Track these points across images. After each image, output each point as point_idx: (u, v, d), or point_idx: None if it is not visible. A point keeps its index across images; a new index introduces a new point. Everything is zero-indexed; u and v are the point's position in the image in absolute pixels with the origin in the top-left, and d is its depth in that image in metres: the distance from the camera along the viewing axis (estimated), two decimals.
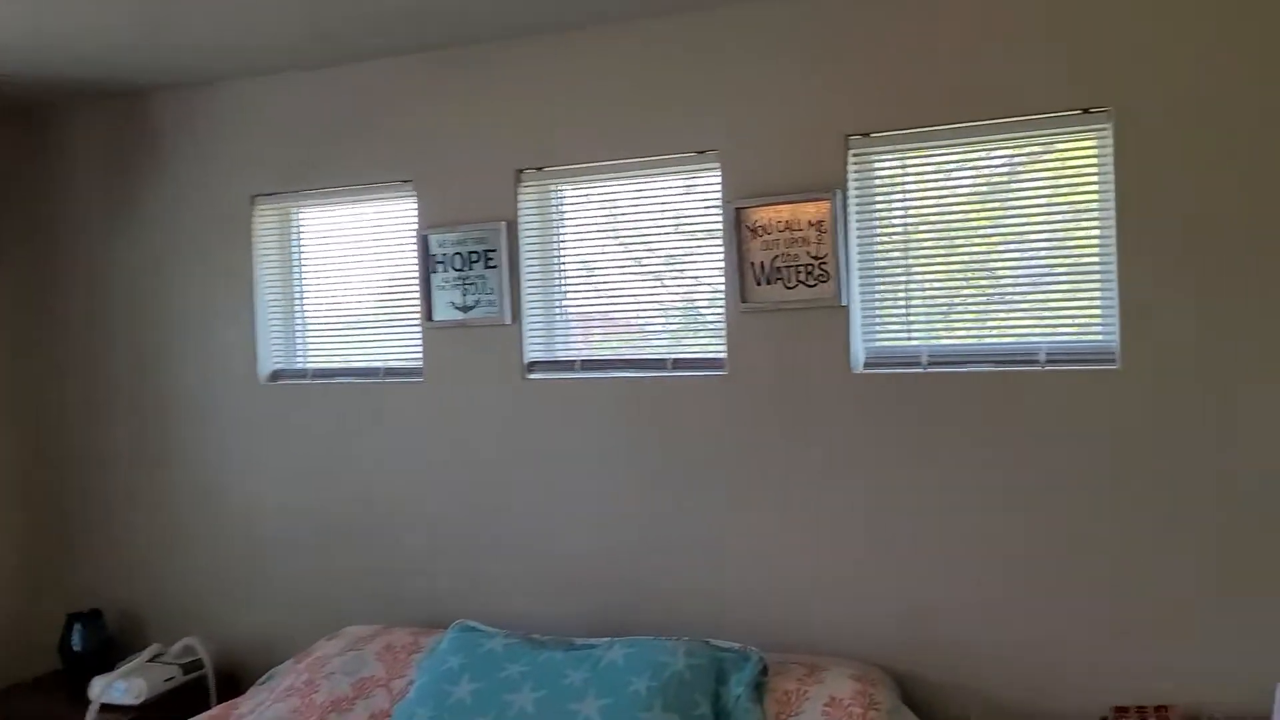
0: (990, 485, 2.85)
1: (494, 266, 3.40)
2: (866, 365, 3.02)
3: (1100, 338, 2.79)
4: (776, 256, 3.04)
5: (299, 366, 3.83)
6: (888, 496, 2.95)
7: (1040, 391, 2.80)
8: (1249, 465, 2.59)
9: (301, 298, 3.85)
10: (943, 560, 2.90)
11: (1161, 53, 2.65)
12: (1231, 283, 2.59)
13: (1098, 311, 2.79)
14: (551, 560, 3.37)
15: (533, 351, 3.43)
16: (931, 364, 2.95)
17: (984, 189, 2.91)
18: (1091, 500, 2.74)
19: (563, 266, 3.43)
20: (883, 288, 3.02)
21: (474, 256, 3.42)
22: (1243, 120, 2.57)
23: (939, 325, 2.99)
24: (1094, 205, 2.79)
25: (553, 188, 3.42)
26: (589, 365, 3.37)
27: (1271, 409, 2.56)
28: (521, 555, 3.41)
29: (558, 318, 3.44)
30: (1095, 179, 2.78)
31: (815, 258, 2.99)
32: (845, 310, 2.99)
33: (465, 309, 3.45)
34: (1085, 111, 2.75)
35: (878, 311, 3.03)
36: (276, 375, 3.84)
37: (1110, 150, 2.72)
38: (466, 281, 3.44)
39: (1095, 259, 2.78)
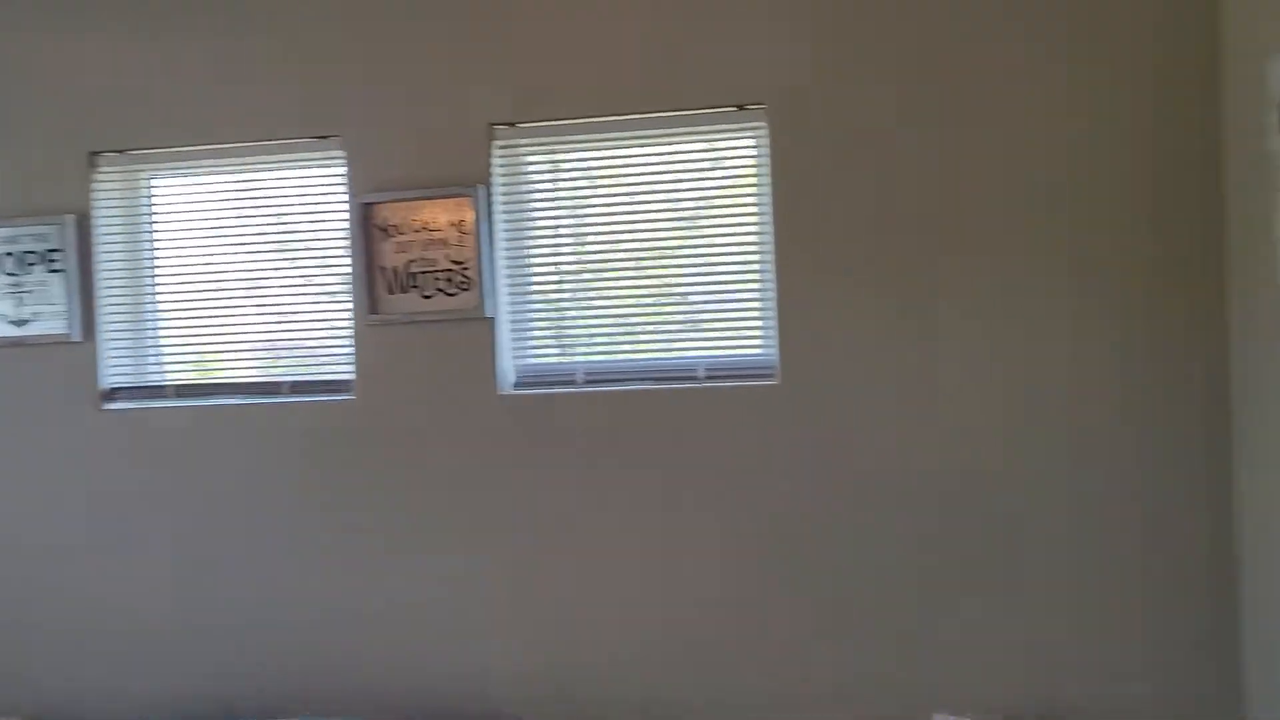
0: (650, 506, 2.58)
1: (59, 270, 2.71)
2: (517, 385, 2.67)
3: (760, 352, 2.61)
4: (412, 261, 2.62)
5: None
6: (542, 528, 2.61)
7: (700, 408, 2.57)
8: (909, 477, 2.49)
9: None
10: (600, 592, 2.59)
11: (815, 48, 2.51)
12: (887, 291, 2.49)
13: (758, 324, 2.61)
14: (118, 629, 2.72)
15: (113, 375, 2.77)
16: (588, 382, 2.65)
17: (642, 192, 2.65)
18: (755, 519, 2.54)
19: (155, 272, 2.81)
20: (535, 298, 2.69)
21: (31, 258, 2.73)
22: (891, 121, 2.48)
23: (596, 340, 2.70)
24: (753, 214, 2.61)
25: (141, 176, 2.80)
26: (187, 391, 2.77)
27: (929, 420, 2.48)
28: (78, 624, 2.73)
29: (148, 334, 2.81)
30: (754, 186, 2.61)
31: (456, 263, 2.61)
32: (491, 323, 2.62)
33: (19, 323, 2.74)
34: (740, 109, 2.57)
35: (529, 325, 2.69)
36: None
37: (767, 153, 2.55)
38: (21, 289, 2.73)
39: (755, 270, 2.60)
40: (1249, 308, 2.23)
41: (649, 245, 2.65)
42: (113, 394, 2.77)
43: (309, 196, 2.74)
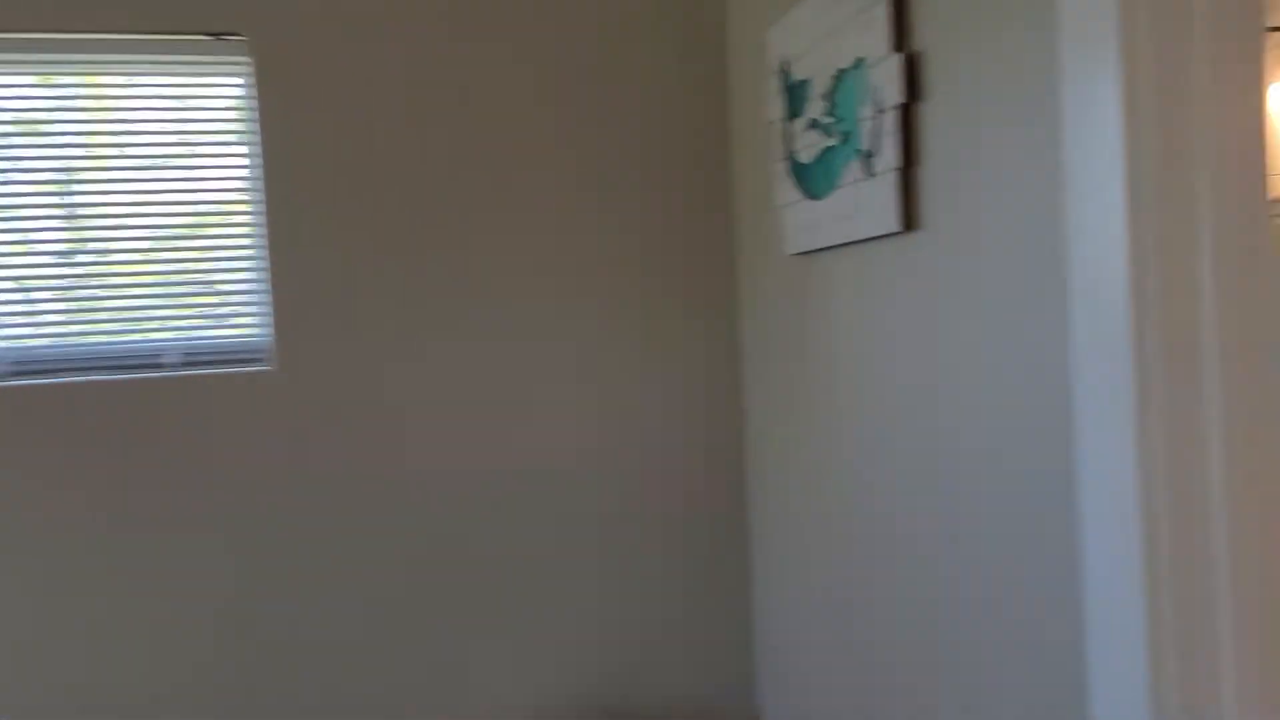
0: (110, 526, 2.05)
1: None
2: None
3: (254, 333, 2.18)
4: None
5: None
6: None
7: (173, 402, 2.09)
8: (429, 473, 2.20)
9: None
10: (43, 629, 2.02)
11: None
12: (404, 264, 2.19)
13: (249, 301, 2.18)
14: None
15: None
16: (16, 374, 2.05)
17: (94, 133, 2.11)
18: (249, 529, 2.11)
19: None
20: None
21: None
22: (409, 71, 2.19)
23: (26, 320, 2.09)
24: (243, 169, 2.17)
25: None
26: None
27: (445, 407, 2.21)
28: None
29: None
30: (243, 135, 2.17)
31: None
32: None
33: None
34: (217, 38, 2.12)
35: None
36: None
37: (255, 96, 2.14)
38: None
39: (245, 236, 2.17)
40: (755, 276, 2.23)
41: (107, 202, 2.11)
42: None
43: None
